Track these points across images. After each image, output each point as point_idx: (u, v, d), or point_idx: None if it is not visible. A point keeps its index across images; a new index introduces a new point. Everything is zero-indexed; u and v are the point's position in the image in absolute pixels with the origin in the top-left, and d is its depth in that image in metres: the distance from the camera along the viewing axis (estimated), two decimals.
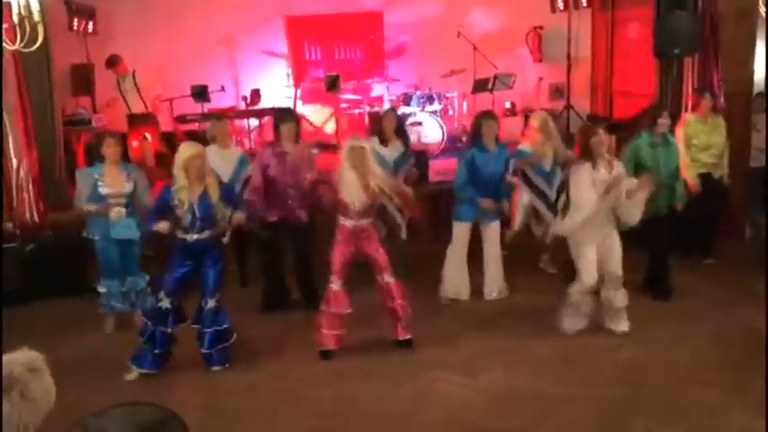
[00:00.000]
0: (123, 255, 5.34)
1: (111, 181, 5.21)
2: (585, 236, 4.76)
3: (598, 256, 4.81)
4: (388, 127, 5.95)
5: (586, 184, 4.62)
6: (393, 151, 5.96)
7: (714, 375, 4.31)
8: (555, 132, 6.14)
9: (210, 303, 4.63)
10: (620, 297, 4.91)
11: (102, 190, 5.20)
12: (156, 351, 4.58)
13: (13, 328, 5.21)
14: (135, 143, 7.97)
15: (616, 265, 4.83)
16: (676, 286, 5.70)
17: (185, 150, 4.47)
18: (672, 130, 5.73)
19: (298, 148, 5.44)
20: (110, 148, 5.22)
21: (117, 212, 5.21)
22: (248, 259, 6.30)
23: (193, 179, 4.43)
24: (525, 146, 6.11)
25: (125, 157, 5.82)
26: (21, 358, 1.82)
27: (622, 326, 4.95)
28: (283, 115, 5.55)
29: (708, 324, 5.09)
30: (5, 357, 1.81)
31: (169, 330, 4.61)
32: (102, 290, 5.40)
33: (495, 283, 5.77)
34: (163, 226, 4.46)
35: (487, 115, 5.68)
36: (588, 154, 4.65)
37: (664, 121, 5.39)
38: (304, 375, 4.67)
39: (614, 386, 4.25)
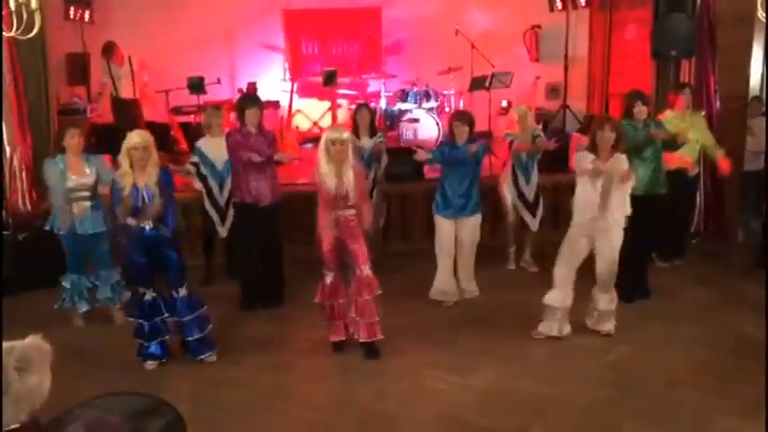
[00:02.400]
0: (92, 250, 5.27)
1: (74, 172, 5.13)
2: (575, 223, 4.79)
3: (597, 252, 4.80)
4: (362, 122, 6.12)
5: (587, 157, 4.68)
6: (368, 143, 6.10)
7: (702, 378, 4.34)
8: (533, 127, 6.25)
9: (182, 292, 4.62)
10: (605, 300, 4.90)
11: (68, 183, 5.12)
12: (162, 339, 4.66)
13: (5, 317, 5.20)
14: None
15: (603, 265, 4.80)
16: (666, 288, 5.72)
17: (128, 139, 4.46)
18: (653, 118, 5.67)
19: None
20: (72, 140, 5.13)
21: (80, 207, 5.14)
22: (214, 256, 6.31)
23: (137, 168, 4.43)
24: (510, 132, 6.20)
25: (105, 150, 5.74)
26: (13, 353, 1.77)
27: (606, 327, 4.95)
28: (248, 100, 5.64)
29: (696, 327, 5.11)
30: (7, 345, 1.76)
31: (166, 316, 4.64)
32: (65, 285, 5.32)
33: (463, 280, 5.74)
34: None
35: (459, 118, 5.60)
36: (593, 145, 4.72)
37: (638, 109, 5.37)
38: (296, 370, 4.68)
39: (603, 387, 4.27)
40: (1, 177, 6.18)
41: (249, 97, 5.92)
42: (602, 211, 4.70)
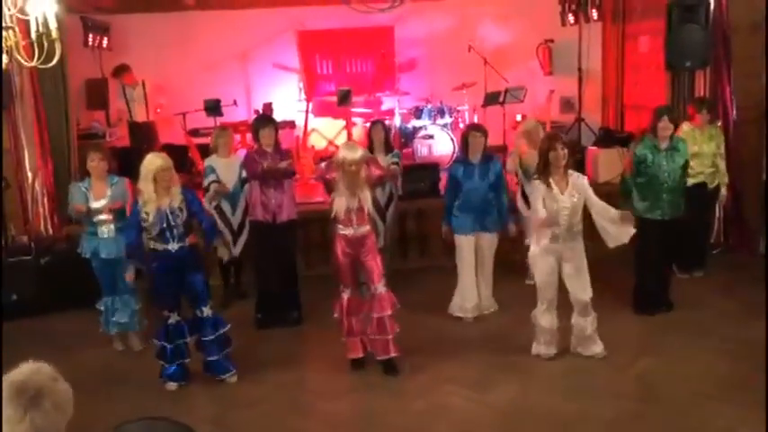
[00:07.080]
0: (118, 273, 5.16)
1: (97, 194, 5.14)
2: (541, 250, 4.70)
3: (565, 275, 4.73)
4: (377, 138, 6.19)
5: (538, 198, 4.64)
6: (384, 160, 6.10)
7: (728, 390, 4.27)
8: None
9: (206, 311, 4.66)
10: (589, 323, 4.79)
11: (91, 204, 5.13)
12: (183, 362, 4.68)
13: (28, 340, 5.28)
14: None
15: (582, 289, 4.69)
16: (688, 300, 5.66)
17: (154, 161, 4.46)
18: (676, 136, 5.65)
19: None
20: (93, 162, 5.16)
21: (105, 230, 5.12)
22: (231, 277, 6.33)
23: (162, 190, 4.45)
24: (515, 151, 6.25)
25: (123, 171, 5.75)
26: (43, 368, 1.80)
27: (594, 349, 4.83)
28: (262, 121, 5.75)
29: (720, 338, 5.04)
30: (25, 369, 1.79)
31: (188, 340, 4.68)
32: (100, 308, 5.33)
33: (483, 294, 5.70)
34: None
35: (475, 129, 5.64)
36: (546, 166, 4.64)
37: (664, 125, 5.30)
38: (316, 388, 4.68)
39: (627, 402, 4.22)
40: (1, 204, 6.26)
41: (263, 118, 6.03)
42: (568, 231, 4.63)
